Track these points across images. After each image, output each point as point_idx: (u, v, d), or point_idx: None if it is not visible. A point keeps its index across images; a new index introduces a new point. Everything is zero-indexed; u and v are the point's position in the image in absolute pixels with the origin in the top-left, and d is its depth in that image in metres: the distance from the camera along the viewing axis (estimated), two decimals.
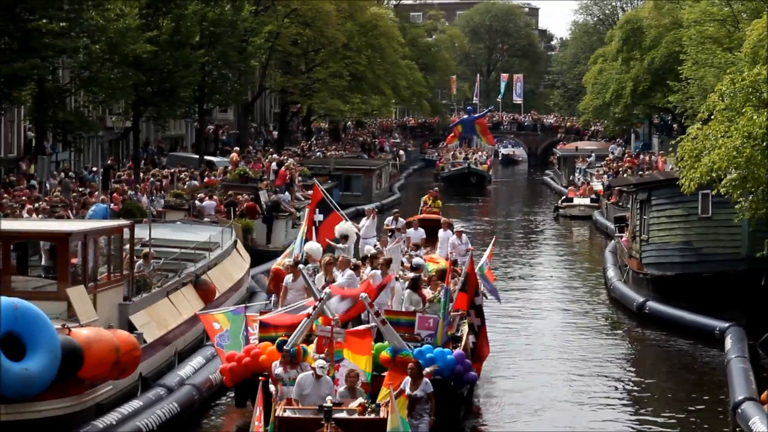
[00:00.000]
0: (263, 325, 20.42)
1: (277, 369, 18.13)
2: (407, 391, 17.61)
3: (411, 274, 23.12)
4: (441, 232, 29.49)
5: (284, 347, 18.39)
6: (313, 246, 24.08)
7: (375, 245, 26.62)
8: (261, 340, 20.14)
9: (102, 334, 18.47)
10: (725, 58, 44.18)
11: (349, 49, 72.21)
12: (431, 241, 29.88)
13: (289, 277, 21.92)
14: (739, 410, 20.03)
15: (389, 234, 28.87)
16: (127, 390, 20.08)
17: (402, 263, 25.44)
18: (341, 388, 17.43)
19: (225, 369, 19.94)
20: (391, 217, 30.62)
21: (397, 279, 22.40)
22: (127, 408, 19.03)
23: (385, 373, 18.57)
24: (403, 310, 21.07)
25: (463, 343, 21.10)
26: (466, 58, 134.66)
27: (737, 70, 27.73)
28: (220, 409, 21.90)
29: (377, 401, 17.03)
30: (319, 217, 27.16)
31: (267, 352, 19.37)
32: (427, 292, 21.77)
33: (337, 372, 18.03)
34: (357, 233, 27.87)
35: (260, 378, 17.57)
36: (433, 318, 20.41)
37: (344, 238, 25.76)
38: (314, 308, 19.09)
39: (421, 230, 29.87)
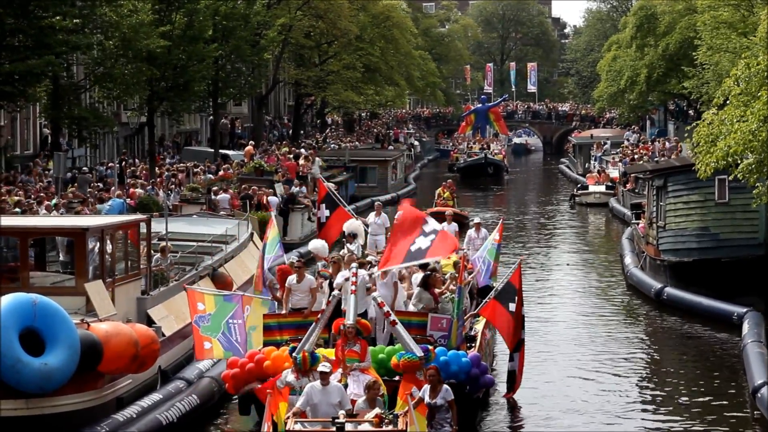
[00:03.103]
0: (267, 328, 19.86)
1: (289, 377, 17.22)
2: (426, 399, 16.63)
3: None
4: (445, 225, 27.06)
5: (292, 354, 17.48)
6: (318, 244, 23.27)
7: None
8: (265, 344, 19.54)
9: (121, 328, 18.54)
10: (740, 42, 43.94)
11: (362, 41, 72.15)
12: None
13: (293, 278, 20.58)
14: (759, 394, 20.00)
15: None
16: (146, 383, 20.15)
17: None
18: (360, 399, 16.40)
19: (227, 375, 19.13)
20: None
21: (401, 280, 21.24)
22: (146, 401, 19.11)
23: (396, 378, 17.88)
24: (414, 309, 20.29)
25: (477, 343, 20.39)
26: (480, 47, 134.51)
27: (752, 55, 27.62)
28: (223, 417, 21.15)
29: (395, 411, 16.33)
30: (325, 212, 26.68)
31: (272, 357, 18.68)
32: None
33: (349, 377, 17.16)
34: (366, 230, 27.38)
35: (268, 390, 17.07)
36: (446, 318, 19.70)
37: (353, 236, 24.92)
38: (322, 311, 18.39)
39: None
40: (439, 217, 28.62)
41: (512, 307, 20.73)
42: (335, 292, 19.37)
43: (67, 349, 17.29)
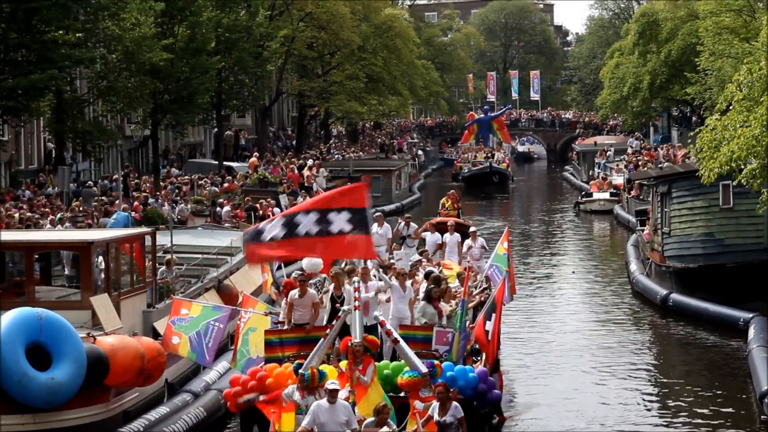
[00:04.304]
0: (269, 344, 19.30)
1: (294, 395, 16.54)
2: (435, 417, 16.06)
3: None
4: (447, 236, 27.48)
5: (299, 370, 16.64)
6: (312, 259, 21.89)
7: (388, 255, 25.39)
8: (267, 361, 18.93)
9: (127, 341, 18.56)
10: (742, 48, 44.00)
11: (364, 51, 72.24)
12: (439, 245, 27.58)
13: (295, 293, 19.75)
14: (767, 400, 19.96)
15: (400, 240, 27.59)
16: (153, 396, 20.15)
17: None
18: (369, 419, 15.77)
19: (229, 393, 18.51)
20: (402, 223, 28.38)
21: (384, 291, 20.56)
22: (153, 414, 19.07)
23: (402, 394, 17.41)
24: (417, 324, 19.73)
25: (483, 357, 19.82)
26: (482, 56, 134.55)
27: (755, 60, 27.61)
28: (229, 429, 20.92)
29: (405, 430, 15.95)
30: None
31: (274, 374, 18.16)
32: (443, 304, 20.29)
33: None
34: None
35: (272, 410, 16.65)
36: (452, 332, 19.05)
37: None
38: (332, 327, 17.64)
39: (438, 234, 27.88)
40: (442, 227, 28.56)
41: (488, 326, 19.69)
42: (344, 307, 18.54)
43: (74, 363, 17.31)
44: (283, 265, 25.53)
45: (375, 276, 21.06)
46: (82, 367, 17.40)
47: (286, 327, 19.73)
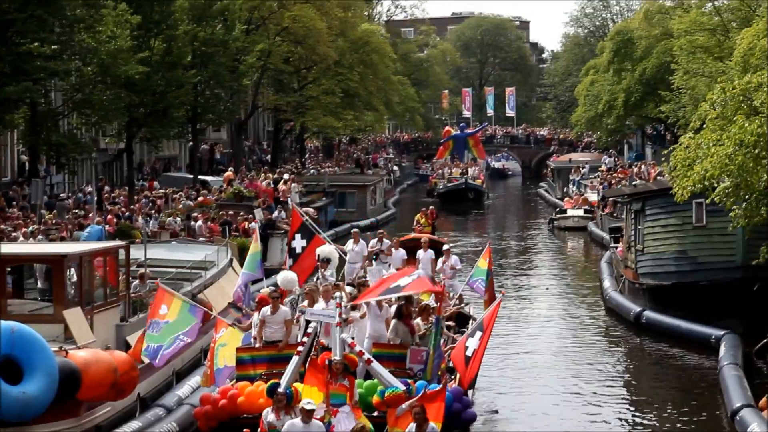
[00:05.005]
0: (240, 362, 19.05)
1: (269, 416, 16.20)
2: None
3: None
4: (421, 253, 27.28)
5: (278, 390, 16.34)
6: (287, 276, 21.69)
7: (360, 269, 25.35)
8: (238, 379, 18.76)
9: (99, 355, 18.48)
10: (716, 67, 44.33)
11: (341, 66, 72.29)
12: (411, 262, 27.31)
13: (267, 309, 19.51)
14: (738, 417, 20.06)
15: (374, 256, 27.50)
16: (125, 411, 20.05)
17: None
18: None
19: (200, 412, 18.47)
20: (375, 239, 28.53)
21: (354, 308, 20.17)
22: (125, 429, 19.00)
23: (376, 413, 17.24)
24: (390, 342, 19.49)
25: (458, 376, 19.61)
26: (458, 72, 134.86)
27: (728, 79, 27.84)
28: None
29: None
30: (301, 242, 25.26)
31: (246, 393, 18.07)
32: (417, 322, 20.19)
33: (334, 418, 16.33)
34: (343, 255, 26.88)
35: (245, 430, 16.38)
36: (427, 351, 18.89)
37: (326, 261, 23.85)
38: (303, 344, 17.59)
39: (402, 251, 27.63)
40: (415, 243, 28.39)
41: (469, 342, 19.41)
42: (312, 324, 18.40)
43: (46, 377, 17.21)
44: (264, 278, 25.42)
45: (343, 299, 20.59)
46: (54, 381, 17.31)
47: (258, 344, 19.48)
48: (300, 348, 17.51)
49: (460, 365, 19.50)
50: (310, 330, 17.94)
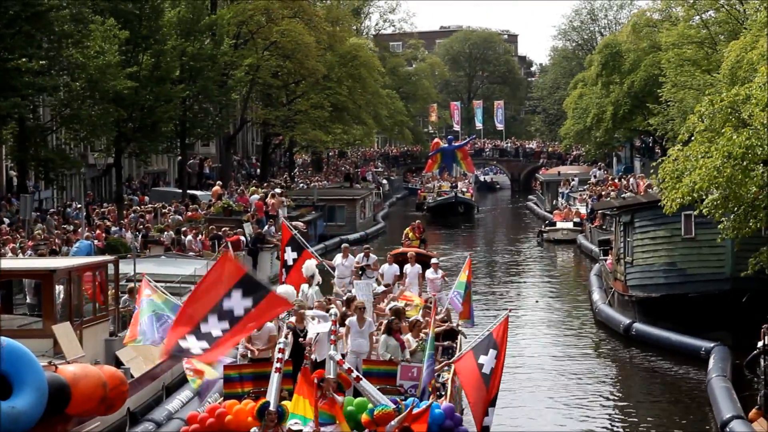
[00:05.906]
0: (228, 380, 18.60)
1: None
2: None
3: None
4: (408, 267, 27.26)
5: (269, 409, 15.88)
6: (286, 290, 21.37)
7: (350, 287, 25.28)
8: (226, 397, 18.37)
9: (89, 370, 18.43)
10: (704, 79, 44.50)
11: (329, 80, 72.37)
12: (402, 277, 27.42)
13: None
14: (728, 429, 20.07)
15: (360, 272, 27.38)
16: (115, 425, 20.02)
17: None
18: None
19: (186, 431, 17.86)
20: (361, 254, 28.50)
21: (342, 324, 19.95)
22: None
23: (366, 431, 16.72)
24: (380, 358, 19.11)
25: (448, 392, 19.22)
26: (447, 86, 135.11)
27: (716, 91, 27.96)
28: None
29: None
30: (292, 255, 25.37)
31: (234, 411, 17.46)
32: (408, 338, 19.89)
33: None
34: (331, 270, 26.97)
35: None
36: (417, 367, 18.40)
37: (310, 277, 23.79)
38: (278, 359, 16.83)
39: (395, 266, 27.59)
40: (404, 258, 28.31)
41: (482, 359, 18.48)
42: (309, 335, 18.27)
43: (35, 391, 17.15)
44: None
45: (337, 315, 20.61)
46: (43, 395, 17.25)
47: (245, 362, 19.27)
48: (277, 365, 16.86)
49: (472, 382, 18.57)
50: (282, 346, 17.16)
